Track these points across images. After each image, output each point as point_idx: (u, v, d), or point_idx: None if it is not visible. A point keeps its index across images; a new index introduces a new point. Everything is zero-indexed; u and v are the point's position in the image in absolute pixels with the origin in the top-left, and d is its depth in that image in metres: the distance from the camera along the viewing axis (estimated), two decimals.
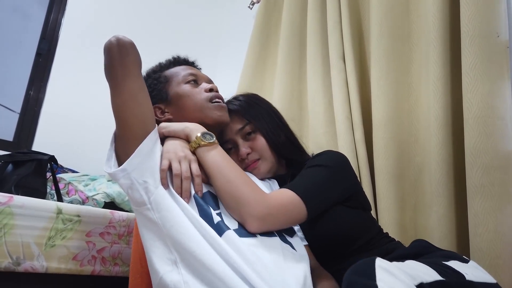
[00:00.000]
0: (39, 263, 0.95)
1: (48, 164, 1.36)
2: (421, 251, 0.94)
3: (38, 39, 2.24)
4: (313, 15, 1.86)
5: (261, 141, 1.12)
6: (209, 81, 1.11)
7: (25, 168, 1.28)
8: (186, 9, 2.73)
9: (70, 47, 2.27)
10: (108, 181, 1.78)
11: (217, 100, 1.05)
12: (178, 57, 1.15)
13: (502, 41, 1.28)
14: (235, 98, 1.21)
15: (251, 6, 2.42)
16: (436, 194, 1.29)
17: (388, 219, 1.38)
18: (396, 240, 1.10)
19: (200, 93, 1.04)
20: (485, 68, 1.23)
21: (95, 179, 1.85)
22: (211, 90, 1.05)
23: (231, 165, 0.91)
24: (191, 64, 1.16)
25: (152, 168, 0.86)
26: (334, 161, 1.03)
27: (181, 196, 0.84)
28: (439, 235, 1.26)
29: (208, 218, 0.82)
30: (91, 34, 2.33)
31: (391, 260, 0.92)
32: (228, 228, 0.81)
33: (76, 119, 2.19)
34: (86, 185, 1.79)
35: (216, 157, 0.91)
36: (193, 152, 0.93)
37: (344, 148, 1.53)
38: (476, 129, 1.20)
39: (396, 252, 0.97)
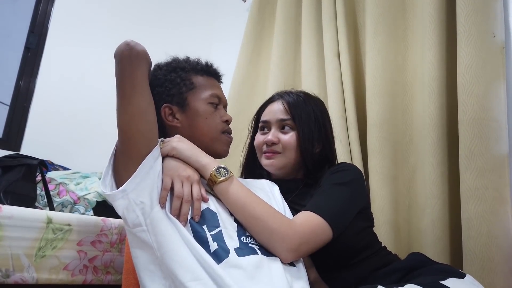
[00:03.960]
0: (29, 275, 0.93)
1: (38, 168, 1.34)
2: (417, 264, 0.95)
3: (27, 30, 2.18)
4: (308, 10, 1.83)
5: (291, 140, 1.10)
6: (226, 105, 1.08)
7: (14, 173, 1.25)
8: (179, 2, 2.68)
9: (60, 40, 2.22)
10: (100, 178, 1.75)
11: (228, 134, 1.04)
12: (211, 66, 1.09)
13: (498, 41, 1.26)
14: (298, 92, 1.19)
15: None
16: (430, 195, 1.29)
17: (381, 220, 1.38)
18: (393, 253, 1.10)
19: (217, 120, 1.02)
20: (481, 69, 1.22)
21: (87, 177, 1.82)
22: (226, 121, 1.04)
23: (254, 199, 0.88)
24: (219, 78, 1.11)
25: (150, 187, 0.83)
26: (353, 178, 1.03)
27: (178, 219, 0.82)
28: (433, 237, 1.26)
29: (204, 245, 0.79)
30: (81, 26, 2.28)
31: (387, 272, 0.93)
32: (227, 254, 0.79)
33: (67, 115, 2.15)
34: (78, 184, 1.76)
35: (237, 193, 0.88)
36: (211, 188, 0.91)
37: (338, 147, 1.51)
38: (471, 131, 1.20)
39: (393, 265, 0.98)
